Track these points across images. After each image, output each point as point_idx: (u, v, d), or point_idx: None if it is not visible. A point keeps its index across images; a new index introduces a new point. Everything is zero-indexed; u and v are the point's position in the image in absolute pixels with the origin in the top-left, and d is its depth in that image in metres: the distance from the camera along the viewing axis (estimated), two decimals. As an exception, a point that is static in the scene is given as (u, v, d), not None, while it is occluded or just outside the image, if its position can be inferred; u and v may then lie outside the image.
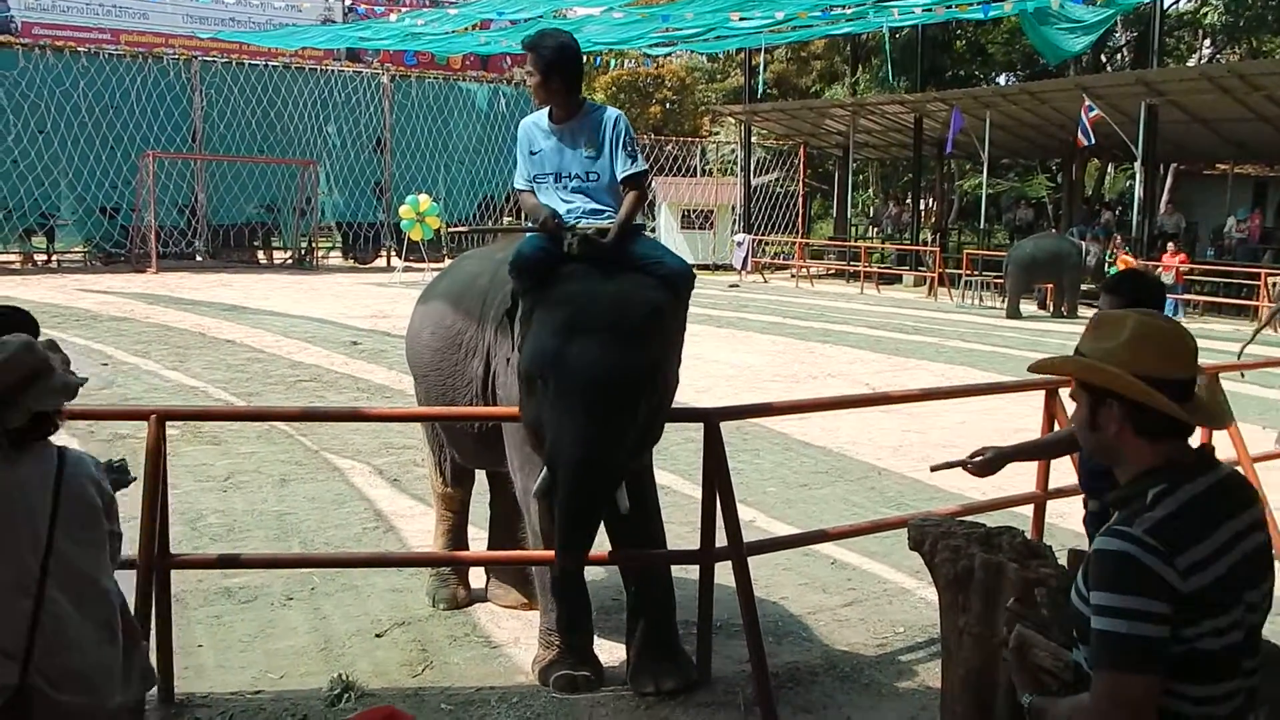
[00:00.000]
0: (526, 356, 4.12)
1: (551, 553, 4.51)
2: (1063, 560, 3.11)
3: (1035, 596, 2.71)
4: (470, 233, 13.79)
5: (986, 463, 3.49)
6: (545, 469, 4.03)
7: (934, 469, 3.64)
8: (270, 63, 28.75)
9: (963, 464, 3.50)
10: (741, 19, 22.27)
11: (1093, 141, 21.54)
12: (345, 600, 5.69)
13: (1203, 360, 2.35)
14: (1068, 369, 2.19)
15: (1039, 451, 4.08)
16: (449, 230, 22.89)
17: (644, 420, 4.03)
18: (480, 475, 5.74)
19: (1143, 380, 2.07)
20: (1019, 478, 5.54)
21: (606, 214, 4.45)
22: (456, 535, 5.71)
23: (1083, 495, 4.35)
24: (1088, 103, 21.27)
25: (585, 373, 3.90)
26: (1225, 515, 2.06)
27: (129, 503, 3.55)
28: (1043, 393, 5.69)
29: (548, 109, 4.54)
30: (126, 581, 3.61)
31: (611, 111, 4.58)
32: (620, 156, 4.49)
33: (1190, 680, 2.02)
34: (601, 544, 4.93)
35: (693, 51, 36.53)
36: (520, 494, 4.70)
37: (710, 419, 4.74)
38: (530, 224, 4.51)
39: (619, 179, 4.51)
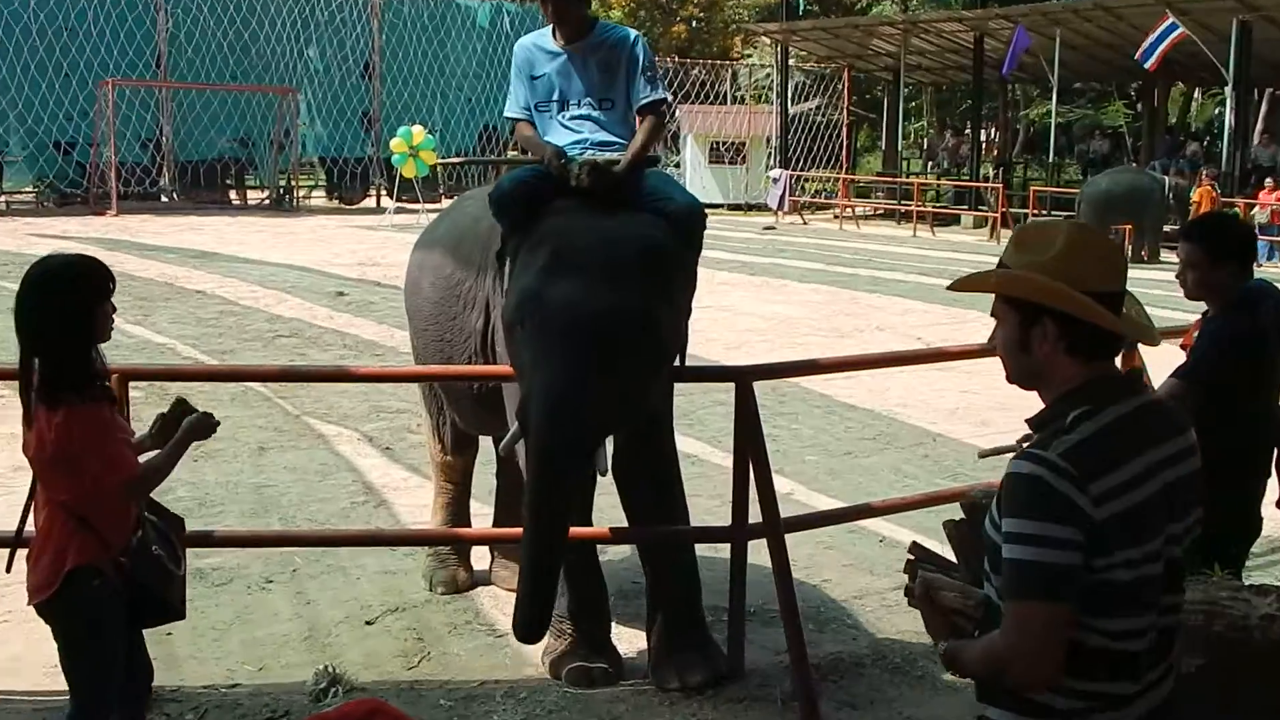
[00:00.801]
0: (507, 301, 4.12)
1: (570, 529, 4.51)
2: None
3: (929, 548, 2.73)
4: (465, 165, 13.74)
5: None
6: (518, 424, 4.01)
7: (982, 455, 3.60)
8: (243, -23, 28.68)
9: (1017, 450, 3.41)
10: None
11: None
12: (332, 583, 5.71)
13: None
14: (1000, 284, 2.24)
15: None
16: (440, 162, 22.89)
17: (634, 378, 3.98)
18: (485, 443, 5.73)
19: (1085, 293, 2.15)
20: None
21: (617, 146, 4.41)
22: (457, 510, 5.72)
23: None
24: (1170, 19, 21.01)
25: (562, 315, 3.86)
26: (1148, 441, 2.15)
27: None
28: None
29: (550, 28, 4.50)
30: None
31: (628, 32, 4.53)
32: (638, 82, 4.44)
33: (1101, 613, 2.11)
34: (617, 519, 4.93)
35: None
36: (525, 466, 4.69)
37: (742, 379, 4.72)
38: (532, 158, 4.48)
39: (635, 107, 4.46)
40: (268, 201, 29.09)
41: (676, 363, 4.42)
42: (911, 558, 2.42)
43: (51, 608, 3.38)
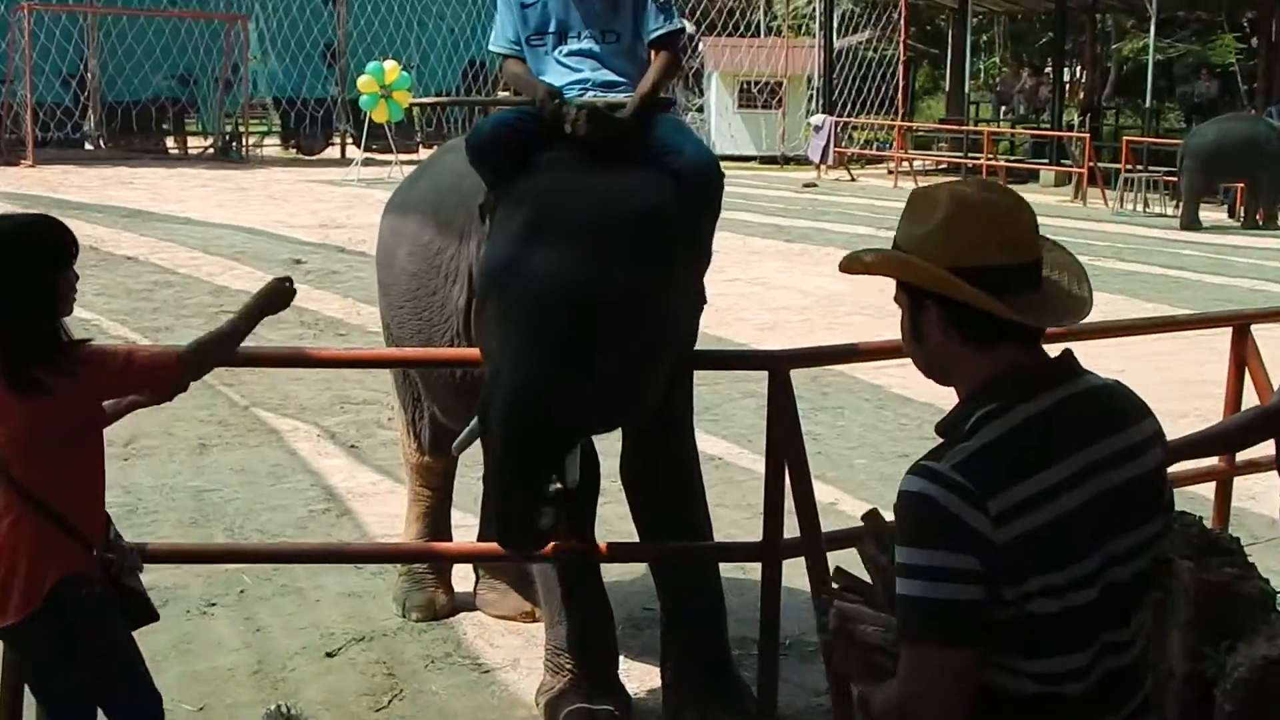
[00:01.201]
0: (477, 269, 4.13)
1: (565, 545, 4.49)
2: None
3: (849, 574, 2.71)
4: (446, 108, 13.73)
5: None
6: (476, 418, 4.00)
7: None
8: (183, -118, 28.67)
9: None
10: None
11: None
12: (286, 607, 5.74)
13: None
14: (872, 265, 2.28)
15: (1223, 442, 4.00)
16: (416, 104, 22.84)
17: (623, 370, 3.94)
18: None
19: (961, 272, 2.15)
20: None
21: (623, 87, 4.39)
22: (435, 522, 5.73)
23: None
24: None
25: (535, 288, 3.85)
26: (1073, 442, 2.14)
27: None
28: (1229, 330, 5.62)
29: None
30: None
31: None
32: (649, 10, 4.43)
33: (1024, 652, 2.11)
34: (626, 533, 4.93)
35: None
36: None
37: (777, 366, 4.72)
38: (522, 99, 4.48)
39: (646, 40, 4.45)
40: (212, 151, 29.14)
41: (679, 348, 4.39)
42: (836, 585, 2.41)
43: (29, 629, 3.44)
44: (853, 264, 2.31)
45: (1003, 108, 31.97)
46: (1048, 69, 30.69)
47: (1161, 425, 2.32)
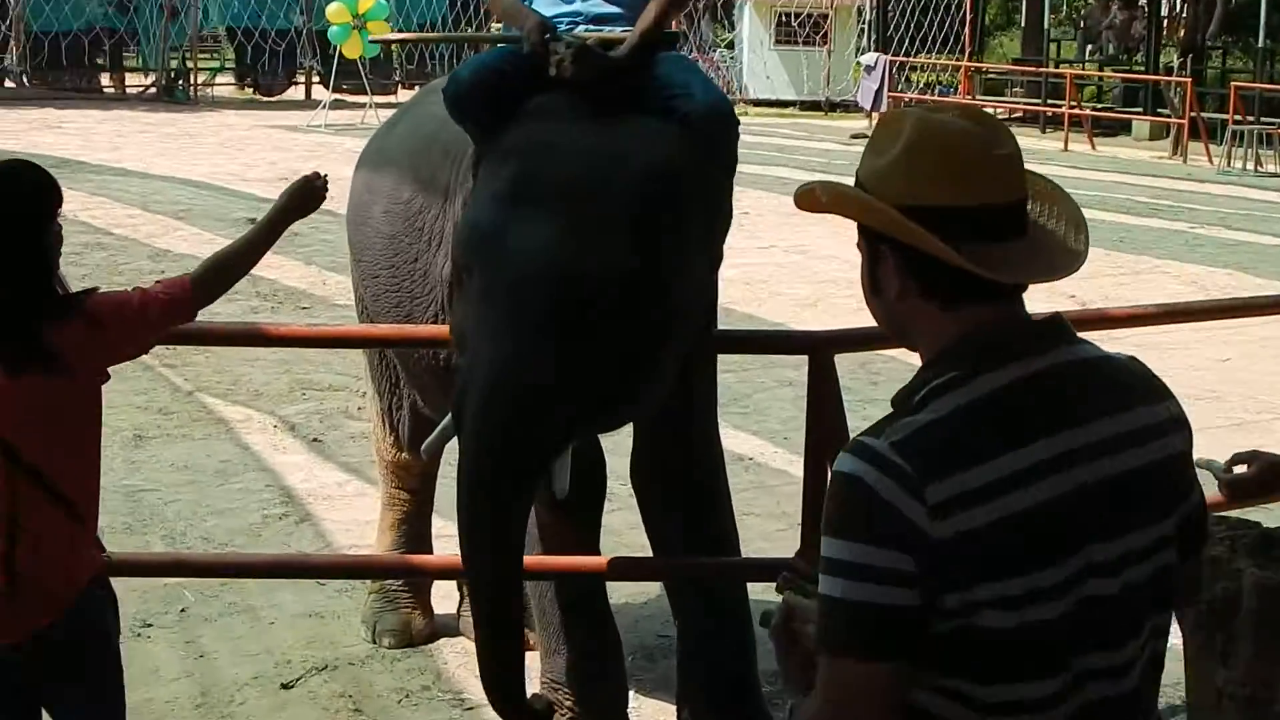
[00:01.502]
0: (455, 237, 4.14)
1: (565, 560, 4.47)
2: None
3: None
4: (429, 44, 13.73)
5: (1253, 478, 3.29)
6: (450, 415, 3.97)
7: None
8: None
9: (1217, 476, 3.31)
10: None
11: None
12: (235, 629, 5.74)
13: None
14: (823, 201, 2.25)
15: None
16: (395, 39, 22.81)
17: (623, 356, 3.89)
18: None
19: (915, 212, 2.11)
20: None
21: (620, 21, 4.36)
22: (413, 530, 5.74)
23: None
24: None
25: (519, 262, 3.81)
26: (1051, 422, 2.10)
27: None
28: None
29: None
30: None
31: None
32: None
33: (972, 675, 2.07)
34: (638, 545, 4.92)
35: None
36: None
37: (819, 349, 4.69)
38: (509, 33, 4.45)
39: None
40: (154, 90, 29.19)
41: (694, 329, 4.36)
42: (788, 573, 2.33)
43: (64, 631, 3.51)
44: (806, 199, 2.28)
45: (1089, 47, 31.90)
46: (1142, 1, 30.60)
47: (1185, 415, 2.27)
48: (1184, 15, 32.65)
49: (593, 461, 4.63)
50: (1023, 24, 33.87)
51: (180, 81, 29.27)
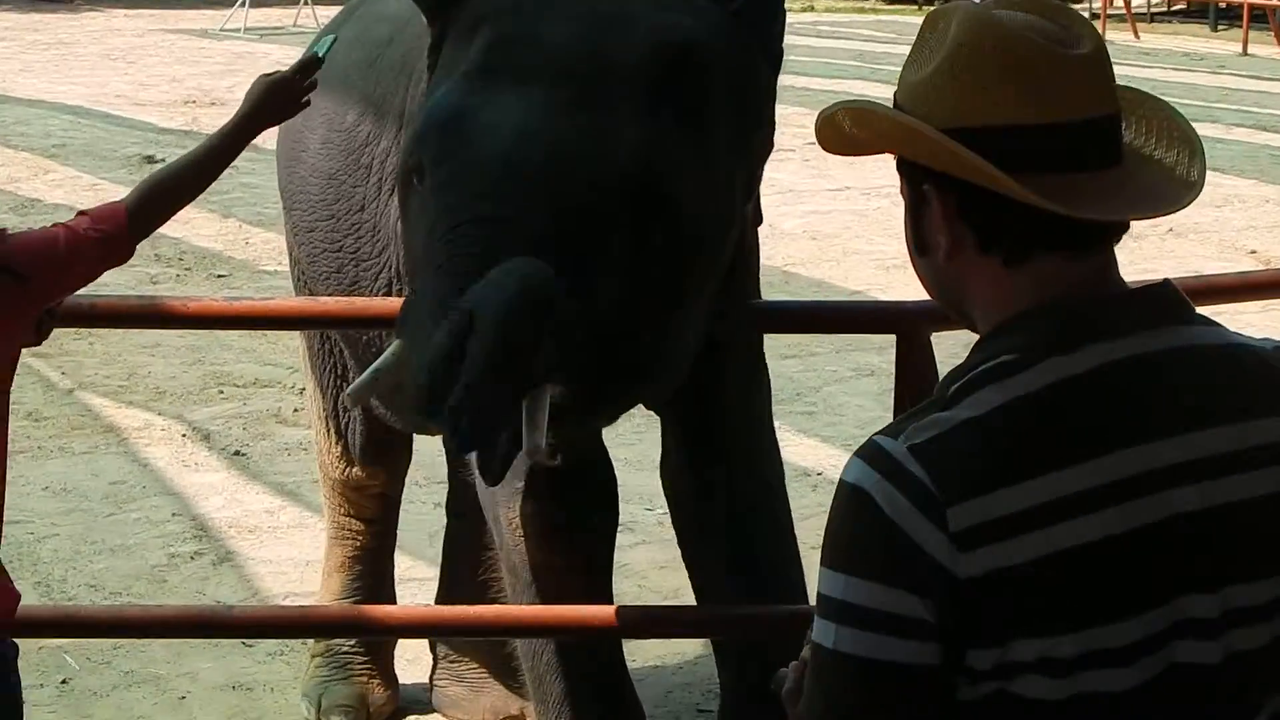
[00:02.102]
0: (407, 133, 4.18)
1: (568, 611, 4.55)
2: None
3: None
4: None
5: None
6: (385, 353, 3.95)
7: None
8: None
9: None
10: None
11: None
12: (135, 706, 5.80)
13: None
14: (849, 128, 2.21)
15: None
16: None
17: (634, 291, 3.87)
18: (426, 447, 5.79)
19: (967, 134, 2.07)
20: None
21: None
22: (370, 572, 5.79)
23: None
24: None
25: (496, 154, 3.82)
26: (1132, 429, 2.03)
27: None
28: None
29: None
30: None
31: None
32: None
33: None
34: (672, 591, 4.97)
35: None
36: (481, 490, 4.74)
37: (910, 327, 4.71)
38: None
39: None
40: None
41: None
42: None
43: None
44: (828, 130, 2.23)
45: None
46: None
47: None
48: None
49: (599, 475, 4.70)
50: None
51: (46, -31, 29.30)
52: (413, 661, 5.87)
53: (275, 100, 3.84)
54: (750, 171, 4.31)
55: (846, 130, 2.20)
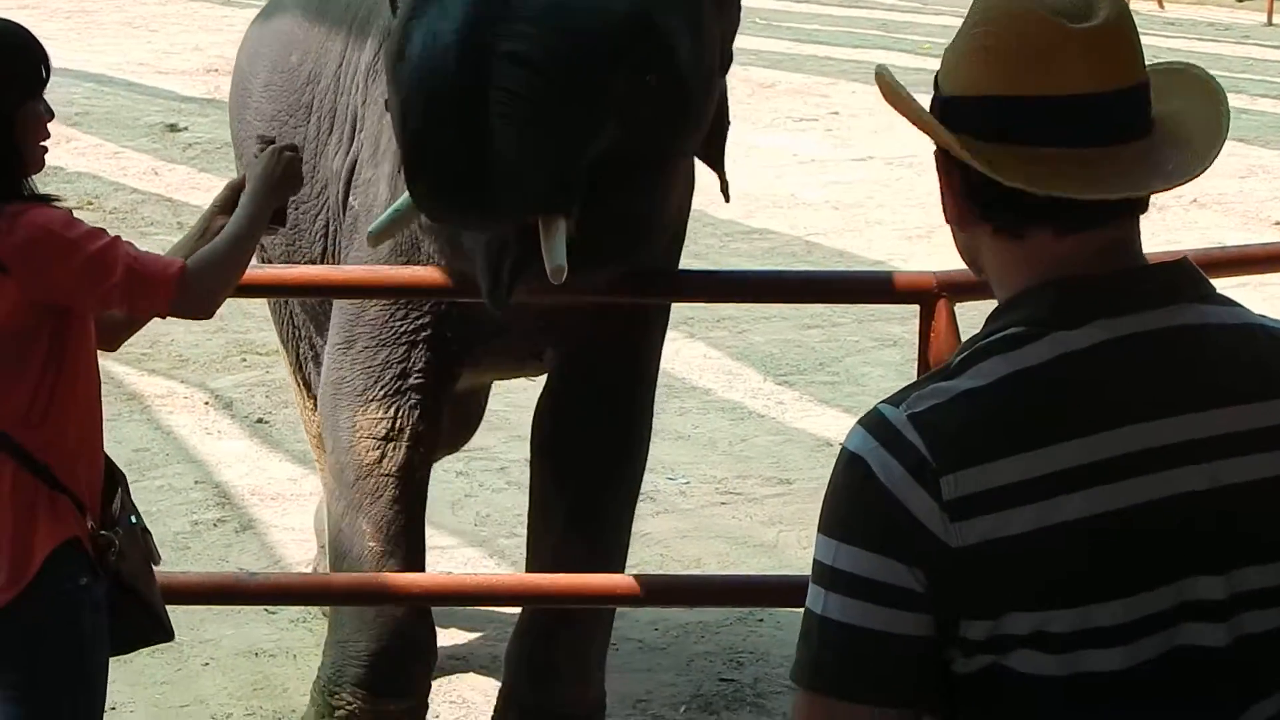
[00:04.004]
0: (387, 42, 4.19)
1: (584, 580, 4.55)
2: None
3: None
4: None
5: None
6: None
7: None
8: None
9: None
10: None
11: None
12: (155, 673, 5.79)
13: None
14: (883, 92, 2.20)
15: None
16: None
17: (620, 135, 4.04)
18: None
19: (954, 105, 2.09)
20: None
21: None
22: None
23: None
24: None
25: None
26: (1139, 404, 2.01)
27: None
28: None
29: None
30: None
31: None
32: None
33: None
34: (688, 560, 4.95)
35: None
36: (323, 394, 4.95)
37: (933, 297, 4.68)
38: None
39: None
40: (36, -51, 29.17)
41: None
42: None
43: (14, 617, 3.61)
44: (885, 85, 2.18)
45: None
46: None
47: None
48: None
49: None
50: None
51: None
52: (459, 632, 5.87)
53: (285, 179, 3.89)
54: (727, 31, 4.44)
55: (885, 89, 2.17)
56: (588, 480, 4.85)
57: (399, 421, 4.67)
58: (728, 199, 4.70)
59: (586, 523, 4.87)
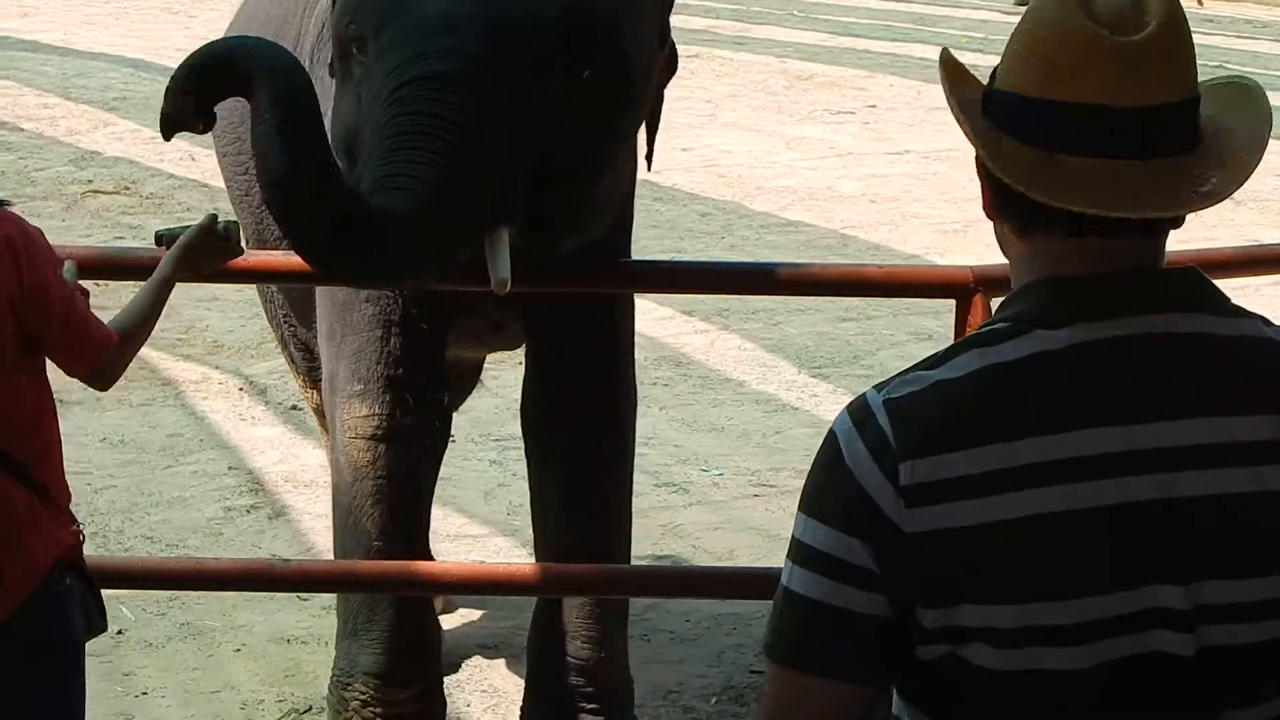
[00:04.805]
0: (337, 8, 4.27)
1: (615, 570, 4.55)
2: None
3: None
4: None
5: None
6: None
7: None
8: None
9: None
10: None
11: None
12: (187, 659, 5.80)
13: None
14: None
15: None
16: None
17: (560, 131, 4.08)
18: (482, 405, 5.73)
19: (1000, 100, 2.11)
20: None
21: None
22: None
23: None
24: None
25: (431, 11, 3.98)
26: (1110, 407, 2.01)
27: None
28: None
29: None
30: None
31: None
32: None
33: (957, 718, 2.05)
34: (720, 552, 4.93)
35: None
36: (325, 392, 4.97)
37: (968, 292, 4.66)
38: None
39: None
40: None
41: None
42: None
43: (18, 627, 3.64)
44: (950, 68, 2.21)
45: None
46: None
47: None
48: None
49: (432, 390, 4.80)
50: None
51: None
52: (462, 620, 5.85)
53: (199, 252, 3.95)
54: (665, 15, 4.52)
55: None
56: (575, 457, 4.88)
57: (386, 418, 4.68)
58: (650, 167, 4.77)
59: (580, 502, 4.90)
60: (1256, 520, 2.02)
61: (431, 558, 5.39)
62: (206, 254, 3.95)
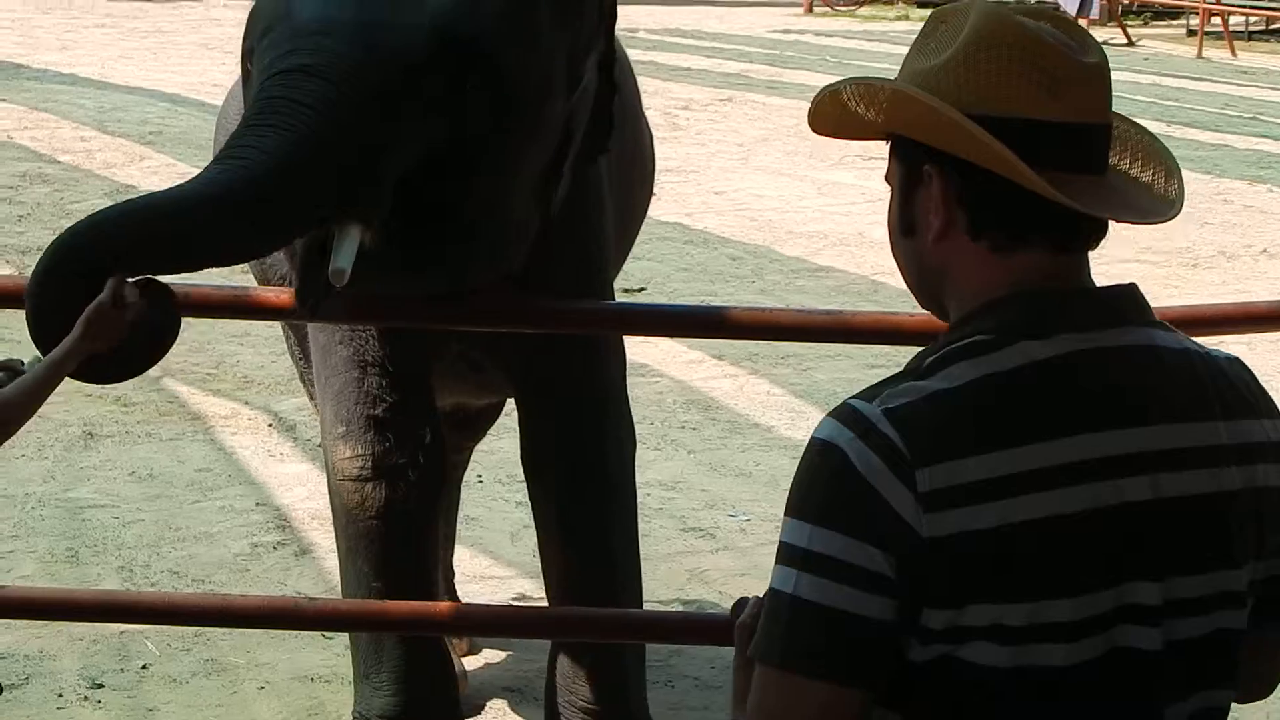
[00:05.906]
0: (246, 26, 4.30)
1: (641, 615, 4.51)
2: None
3: None
4: None
5: None
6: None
7: None
8: None
9: None
10: None
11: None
12: (210, 695, 5.76)
13: None
14: (855, 105, 2.26)
15: None
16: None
17: (434, 147, 4.09)
18: (509, 445, 5.71)
19: (982, 122, 2.11)
20: None
21: None
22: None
23: None
24: None
25: (309, 14, 4.02)
26: (1096, 415, 2.10)
27: None
28: None
29: None
30: None
31: None
32: None
33: None
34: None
35: None
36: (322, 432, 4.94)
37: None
38: None
39: None
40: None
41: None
42: None
43: None
44: (824, 109, 2.30)
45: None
46: None
47: None
48: None
49: (419, 431, 4.79)
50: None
51: (152, -41, 29.43)
52: (483, 663, 5.81)
53: (94, 333, 3.75)
54: (577, 50, 4.45)
55: (850, 108, 2.27)
56: (569, 499, 4.89)
57: (370, 458, 4.71)
58: (554, 203, 4.59)
59: (578, 544, 4.94)
60: (1232, 515, 2.14)
61: (440, 596, 5.35)
62: (106, 328, 3.77)
